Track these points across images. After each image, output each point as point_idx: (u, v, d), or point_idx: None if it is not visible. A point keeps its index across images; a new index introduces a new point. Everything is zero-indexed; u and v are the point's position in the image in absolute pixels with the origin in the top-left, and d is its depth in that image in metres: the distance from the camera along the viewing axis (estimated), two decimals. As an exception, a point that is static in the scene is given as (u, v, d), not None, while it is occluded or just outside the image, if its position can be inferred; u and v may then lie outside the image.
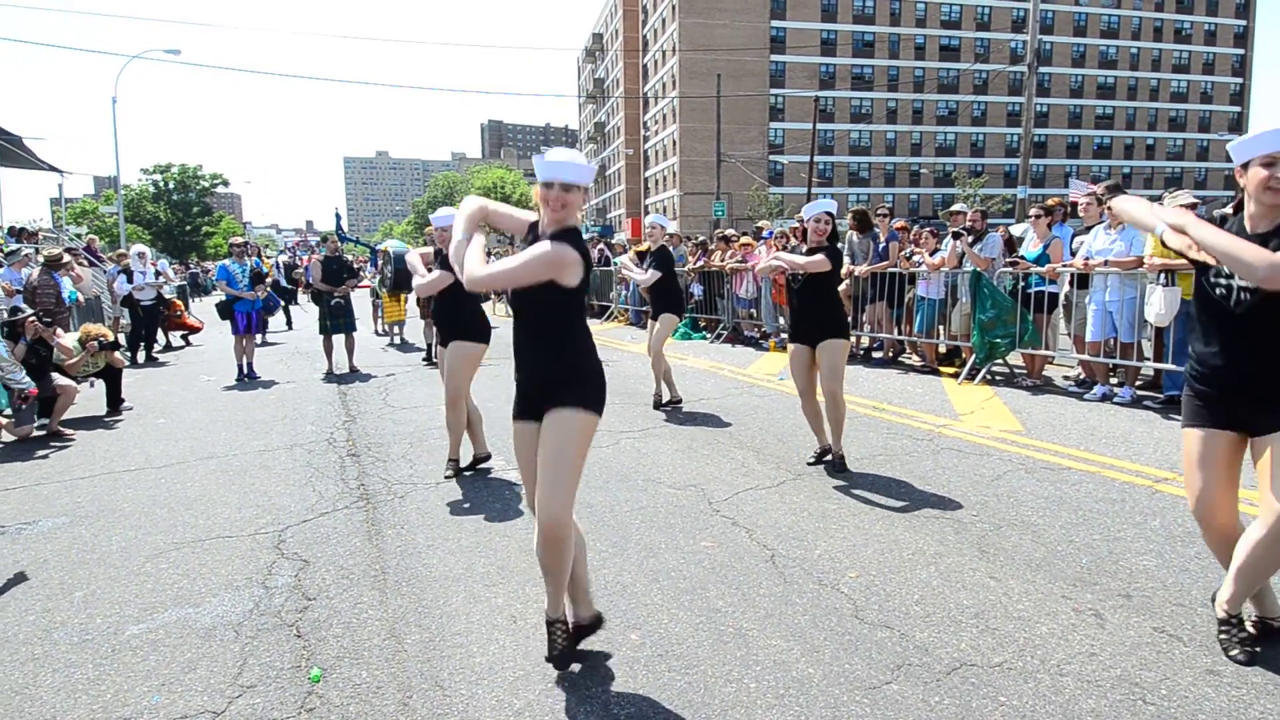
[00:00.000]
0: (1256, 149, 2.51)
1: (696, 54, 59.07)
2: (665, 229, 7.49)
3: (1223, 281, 2.61)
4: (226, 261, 10.08)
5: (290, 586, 3.47)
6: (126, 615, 3.26)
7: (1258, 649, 2.66)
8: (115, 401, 7.82)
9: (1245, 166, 2.55)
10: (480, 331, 5.25)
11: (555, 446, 2.58)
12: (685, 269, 13.40)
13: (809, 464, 5.22)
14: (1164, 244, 2.67)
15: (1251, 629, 2.74)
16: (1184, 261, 6.15)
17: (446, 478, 5.10)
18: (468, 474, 5.24)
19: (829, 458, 5.18)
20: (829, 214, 5.07)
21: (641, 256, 8.15)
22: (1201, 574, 3.32)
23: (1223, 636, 2.71)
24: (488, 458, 5.40)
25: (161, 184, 57.98)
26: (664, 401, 7.22)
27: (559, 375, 2.66)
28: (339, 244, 10.62)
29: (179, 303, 14.51)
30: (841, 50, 62.56)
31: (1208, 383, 2.70)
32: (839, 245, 5.21)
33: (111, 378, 7.85)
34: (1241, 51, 69.60)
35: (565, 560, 2.60)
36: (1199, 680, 2.54)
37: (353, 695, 2.60)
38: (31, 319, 6.99)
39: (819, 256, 4.90)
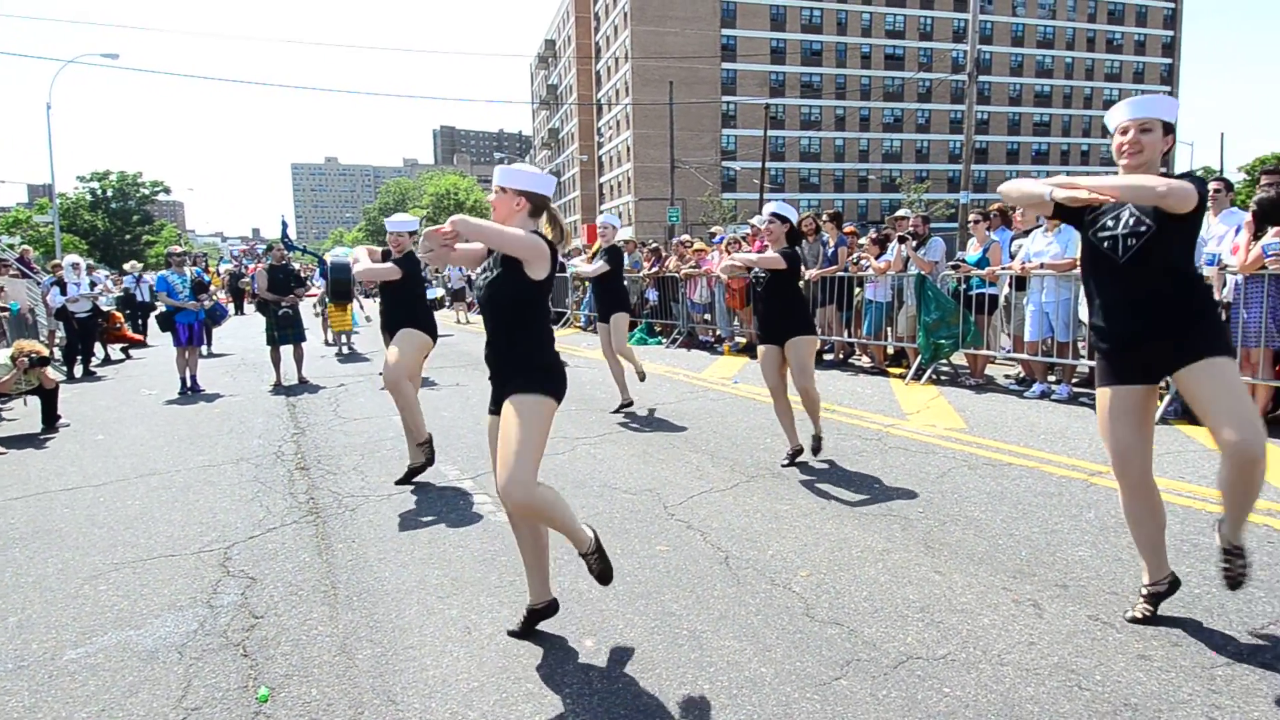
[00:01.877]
0: (1112, 120, 2.83)
1: (649, 61, 59.43)
2: (616, 229, 7.59)
3: (1107, 234, 2.78)
4: (165, 272, 9.80)
5: (237, 605, 3.39)
6: (64, 640, 3.15)
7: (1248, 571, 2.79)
8: (51, 418, 7.53)
9: (1111, 136, 2.85)
10: (429, 326, 5.38)
11: (509, 430, 2.73)
12: (641, 275, 13.47)
13: (783, 465, 5.25)
14: (1057, 205, 2.78)
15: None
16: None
17: (411, 475, 5.17)
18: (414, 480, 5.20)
19: (801, 458, 5.32)
20: (776, 215, 5.10)
21: (594, 257, 8.21)
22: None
23: (1225, 565, 2.79)
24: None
25: (99, 192, 55.98)
26: (619, 406, 7.27)
27: (516, 366, 2.86)
28: (285, 252, 10.39)
29: (118, 314, 14.03)
30: (791, 59, 63.63)
31: (1109, 340, 2.83)
32: (798, 247, 5.35)
33: (46, 395, 7.56)
34: (1169, 61, 72.81)
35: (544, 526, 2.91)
36: (1131, 665, 2.65)
37: (302, 713, 2.56)
38: None
39: (772, 254, 5.01)
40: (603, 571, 2.97)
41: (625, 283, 8.42)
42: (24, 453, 6.58)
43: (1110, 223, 2.77)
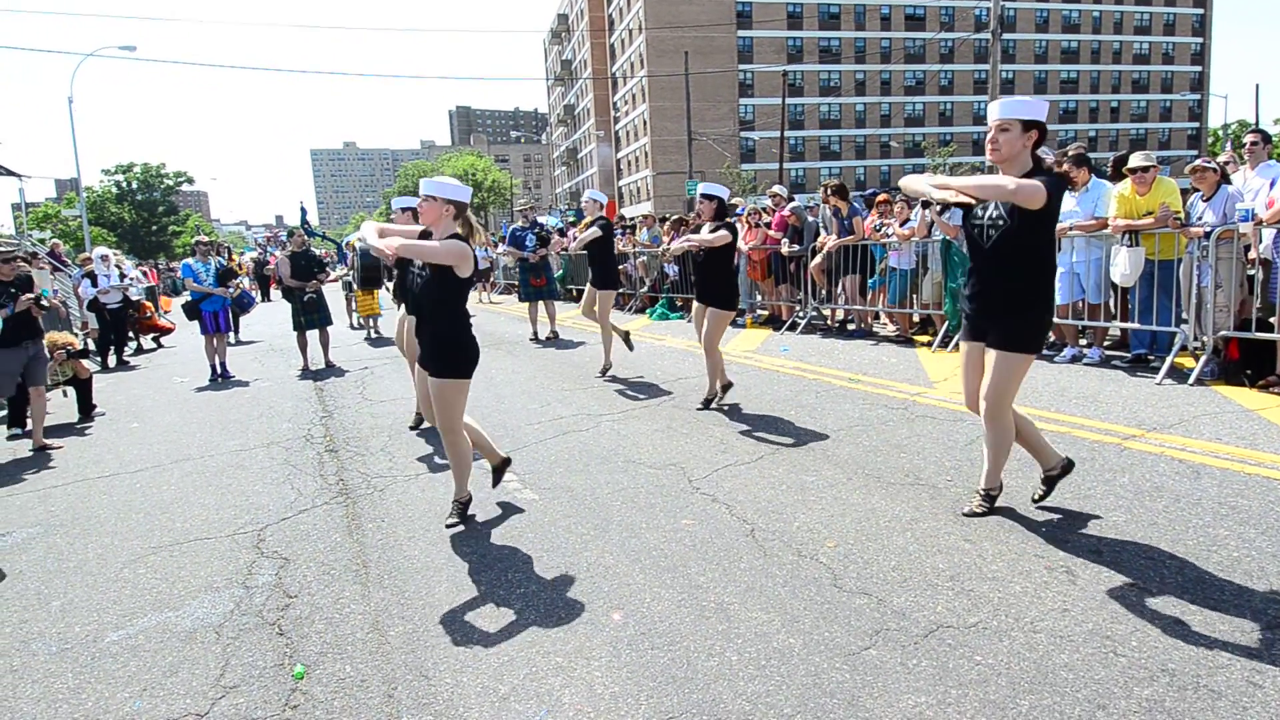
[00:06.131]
0: (988, 118, 3.26)
1: (663, 32, 58.59)
2: (600, 203, 8.25)
3: (976, 223, 3.34)
4: (190, 260, 9.91)
5: (271, 585, 3.46)
6: (105, 622, 3.23)
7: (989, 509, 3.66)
8: (86, 408, 7.70)
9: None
10: None
11: (436, 410, 3.89)
12: (660, 249, 13.36)
13: (698, 410, 6.14)
14: (932, 199, 3.38)
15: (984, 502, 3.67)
16: (1147, 222, 6.26)
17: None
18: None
19: (722, 402, 6.23)
20: (705, 196, 5.88)
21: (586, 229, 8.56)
22: (1169, 527, 3.40)
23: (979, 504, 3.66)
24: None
25: (124, 184, 56.73)
26: (604, 370, 7.78)
27: (433, 348, 3.82)
28: (306, 238, 10.45)
29: (148, 304, 14.26)
30: (808, 23, 62.34)
31: (968, 303, 3.48)
32: (732, 221, 6.14)
33: (81, 385, 7.72)
34: (1201, 11, 70.18)
35: (461, 456, 4.01)
36: (1168, 630, 2.60)
37: (337, 690, 2.60)
38: None
39: (722, 231, 5.72)
40: (462, 519, 4.06)
41: (616, 256, 8.83)
42: (62, 441, 6.74)
43: (980, 212, 3.33)
